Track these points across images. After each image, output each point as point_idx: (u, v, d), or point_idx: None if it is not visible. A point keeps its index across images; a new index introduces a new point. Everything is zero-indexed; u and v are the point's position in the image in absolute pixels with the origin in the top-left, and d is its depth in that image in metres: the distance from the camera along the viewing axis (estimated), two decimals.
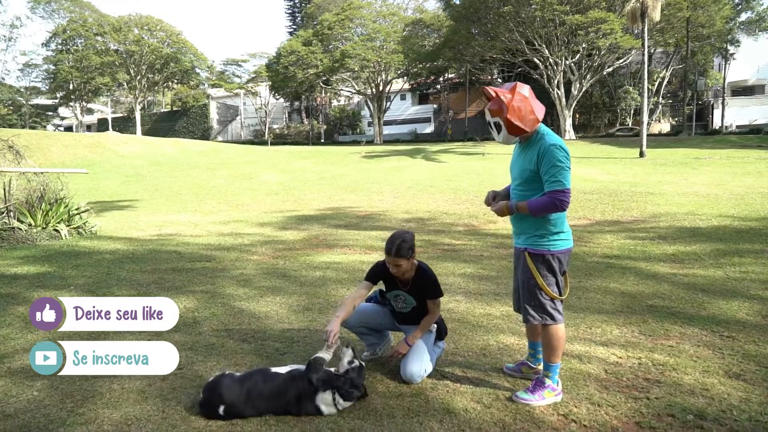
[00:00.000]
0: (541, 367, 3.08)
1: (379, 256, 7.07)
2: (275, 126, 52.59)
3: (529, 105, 2.66)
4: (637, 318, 4.22)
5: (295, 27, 54.35)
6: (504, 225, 9.80)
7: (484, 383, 3.04)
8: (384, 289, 3.35)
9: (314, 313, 4.41)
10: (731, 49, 36.50)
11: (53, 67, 48.52)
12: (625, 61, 32.18)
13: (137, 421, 2.55)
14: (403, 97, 47.56)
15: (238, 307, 4.60)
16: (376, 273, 3.20)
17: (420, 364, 3.05)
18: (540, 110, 2.70)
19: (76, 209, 9.38)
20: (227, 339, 3.76)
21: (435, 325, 3.28)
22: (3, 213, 8.28)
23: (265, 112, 49.91)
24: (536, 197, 2.71)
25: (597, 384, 3.00)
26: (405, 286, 3.19)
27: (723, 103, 35.84)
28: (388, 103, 42.87)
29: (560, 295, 2.78)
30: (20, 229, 8.09)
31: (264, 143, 40.43)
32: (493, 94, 2.71)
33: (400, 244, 2.98)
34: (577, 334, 3.87)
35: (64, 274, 5.92)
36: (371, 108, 41.59)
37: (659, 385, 2.98)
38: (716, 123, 36.49)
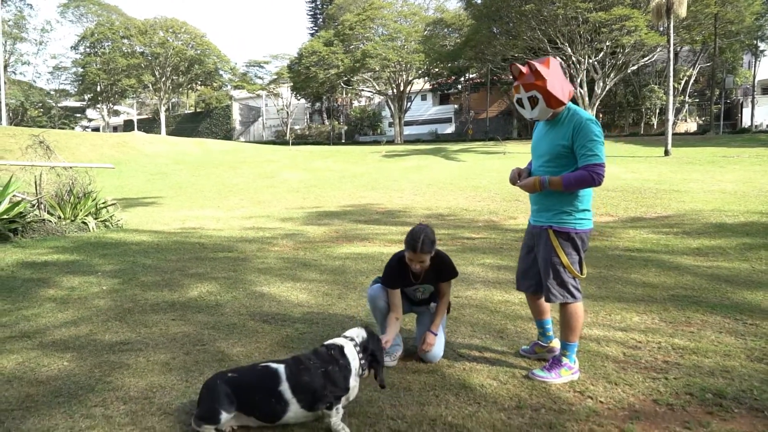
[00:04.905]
0: (553, 344, 3.09)
1: (399, 249, 7.13)
2: (297, 127, 53.04)
3: (562, 77, 2.70)
4: (658, 306, 4.18)
5: (316, 28, 54.73)
6: (525, 220, 9.75)
7: (500, 362, 3.06)
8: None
9: (333, 298, 4.47)
10: (761, 45, 35.56)
11: (81, 70, 49.71)
12: (650, 59, 31.57)
13: (162, 389, 2.64)
14: (423, 98, 47.50)
15: (259, 291, 4.69)
16: (394, 276, 3.12)
17: (441, 345, 3.12)
18: (570, 85, 2.74)
19: (103, 203, 9.63)
20: (248, 320, 3.85)
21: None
22: (34, 206, 8.54)
23: (287, 112, 50.36)
24: (568, 172, 2.69)
25: (615, 365, 3.00)
26: (422, 278, 3.17)
27: (753, 102, 34.94)
28: (409, 104, 42.84)
29: (581, 273, 2.78)
30: (50, 221, 8.33)
31: (285, 143, 40.82)
32: (525, 70, 2.69)
33: (424, 240, 2.91)
34: (596, 320, 3.85)
35: (92, 262, 6.09)
36: (392, 108, 41.61)
37: (678, 367, 2.96)
38: (746, 122, 35.59)
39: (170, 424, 2.31)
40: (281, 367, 2.32)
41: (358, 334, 2.51)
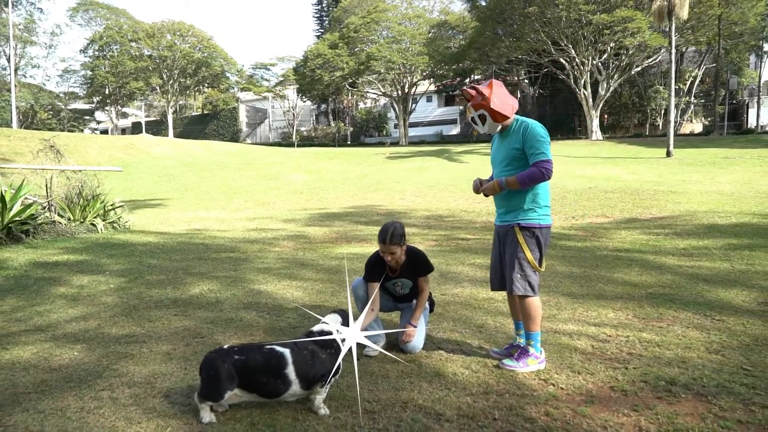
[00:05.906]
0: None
1: None
2: (303, 128, 53.37)
3: (505, 94, 3.05)
4: (634, 304, 4.40)
5: (322, 31, 55.03)
6: None
7: (475, 353, 3.30)
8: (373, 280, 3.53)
9: (326, 295, 4.73)
10: (766, 47, 35.50)
11: (90, 73, 50.37)
12: (654, 60, 31.65)
13: (163, 376, 2.91)
14: (429, 99, 47.73)
15: (257, 289, 4.97)
16: (372, 270, 3.44)
17: (421, 337, 3.39)
18: (514, 100, 3.10)
19: (111, 205, 9.95)
20: (245, 314, 4.12)
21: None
22: (45, 208, 8.87)
23: (293, 114, 50.74)
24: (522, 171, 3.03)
25: (581, 356, 3.23)
26: (398, 272, 3.46)
27: (758, 102, 34.91)
28: (414, 105, 43.12)
29: (540, 267, 3.07)
30: (60, 223, 8.65)
31: (292, 145, 41.19)
32: (473, 92, 3.07)
33: (393, 233, 3.28)
34: (573, 317, 4.08)
35: (100, 262, 6.39)
36: (397, 110, 41.92)
37: (640, 358, 3.19)
38: (751, 122, 35.55)
39: (169, 405, 2.57)
40: (287, 351, 2.54)
41: (336, 320, 2.80)
